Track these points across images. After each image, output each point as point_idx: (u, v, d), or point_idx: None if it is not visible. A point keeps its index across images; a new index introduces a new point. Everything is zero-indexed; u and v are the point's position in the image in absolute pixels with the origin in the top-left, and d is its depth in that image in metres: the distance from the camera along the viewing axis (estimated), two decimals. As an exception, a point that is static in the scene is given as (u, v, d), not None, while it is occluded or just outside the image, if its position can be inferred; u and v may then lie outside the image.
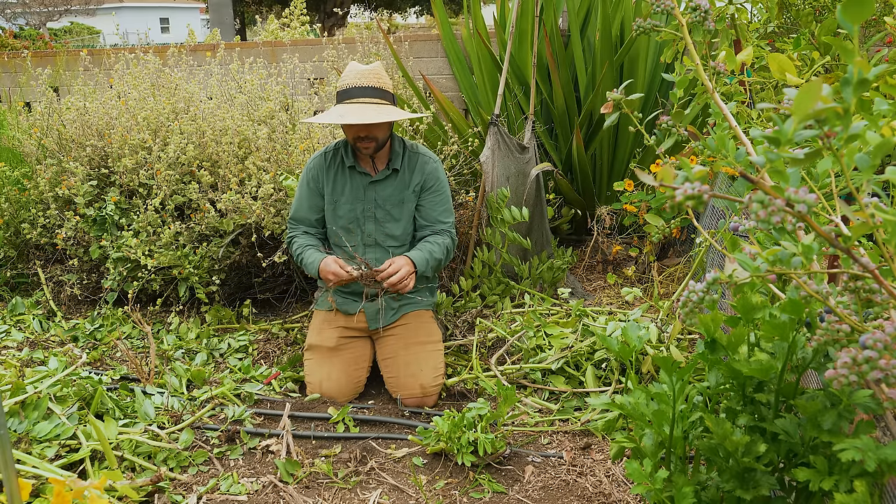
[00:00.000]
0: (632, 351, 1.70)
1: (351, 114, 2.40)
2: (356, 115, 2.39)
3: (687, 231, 3.59)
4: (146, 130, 3.30)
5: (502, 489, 2.03)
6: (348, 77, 2.47)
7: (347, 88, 2.46)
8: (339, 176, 2.60)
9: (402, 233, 2.61)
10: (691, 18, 1.28)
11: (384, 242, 2.61)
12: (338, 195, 2.59)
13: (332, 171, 2.60)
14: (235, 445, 2.21)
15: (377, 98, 2.46)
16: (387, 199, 2.58)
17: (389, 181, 2.58)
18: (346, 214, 2.59)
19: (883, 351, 0.90)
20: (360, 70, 2.48)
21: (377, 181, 2.58)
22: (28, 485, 1.36)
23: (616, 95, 1.58)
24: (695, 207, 0.84)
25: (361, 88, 2.45)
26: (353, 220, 2.59)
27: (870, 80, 0.79)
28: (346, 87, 2.47)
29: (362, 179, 2.58)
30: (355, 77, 2.46)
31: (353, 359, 2.60)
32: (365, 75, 2.46)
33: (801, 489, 1.31)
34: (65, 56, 5.18)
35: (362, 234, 2.60)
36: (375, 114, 2.40)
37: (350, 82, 2.46)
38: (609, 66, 3.51)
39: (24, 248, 3.53)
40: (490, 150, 3.22)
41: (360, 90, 2.45)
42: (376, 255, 2.60)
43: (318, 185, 2.61)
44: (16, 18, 21.13)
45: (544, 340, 2.73)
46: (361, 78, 2.46)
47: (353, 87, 2.45)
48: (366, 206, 2.58)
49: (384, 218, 2.59)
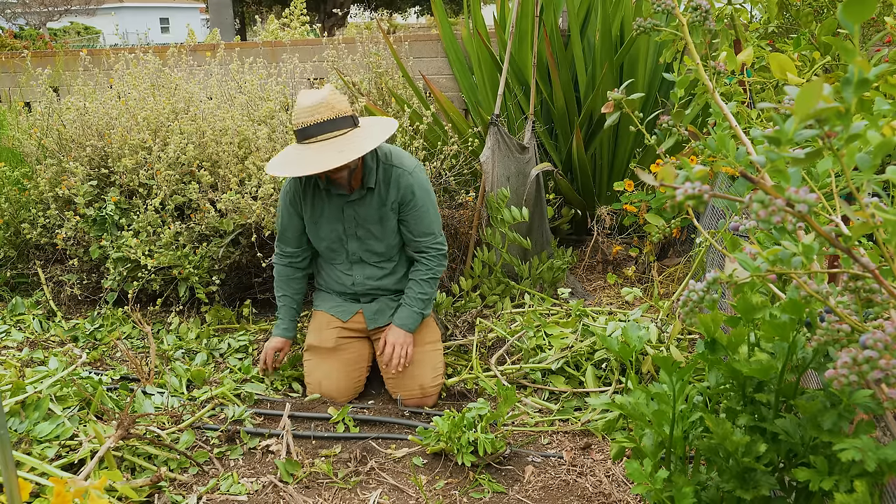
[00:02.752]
0: (632, 351, 1.70)
1: (310, 162, 2.24)
2: (315, 164, 2.23)
3: (687, 231, 3.60)
4: (146, 130, 3.30)
5: (502, 489, 2.03)
6: (301, 115, 2.29)
7: (303, 128, 2.29)
8: (317, 198, 2.52)
9: (385, 249, 2.57)
10: (692, 18, 1.28)
11: (369, 259, 2.59)
12: (317, 216, 2.53)
13: (308, 192, 2.51)
14: (235, 445, 2.21)
15: (336, 130, 2.29)
16: (366, 218, 2.51)
17: (366, 200, 2.49)
18: (328, 235, 2.55)
19: (883, 351, 0.90)
20: (309, 105, 2.28)
21: (353, 201, 2.49)
22: (28, 485, 1.36)
23: (617, 95, 1.58)
24: (695, 207, 0.84)
25: (318, 125, 2.27)
26: (336, 240, 2.56)
27: (871, 79, 0.79)
28: (301, 125, 2.29)
29: (339, 200, 2.50)
30: (307, 114, 2.28)
31: (353, 359, 2.60)
32: (317, 109, 2.28)
33: (801, 489, 1.31)
34: (65, 56, 5.18)
35: (347, 253, 2.58)
36: (337, 155, 2.23)
37: (304, 120, 2.28)
38: (609, 66, 3.51)
39: (24, 248, 3.53)
40: (490, 150, 3.22)
41: (317, 127, 2.27)
42: (364, 271, 2.60)
43: (296, 209, 2.55)
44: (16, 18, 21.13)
45: (544, 340, 2.73)
46: (313, 113, 2.27)
47: (309, 125, 2.28)
48: (346, 225, 2.52)
49: (366, 236, 2.54)
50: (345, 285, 2.62)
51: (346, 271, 2.61)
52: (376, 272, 2.60)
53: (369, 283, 2.61)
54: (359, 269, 2.60)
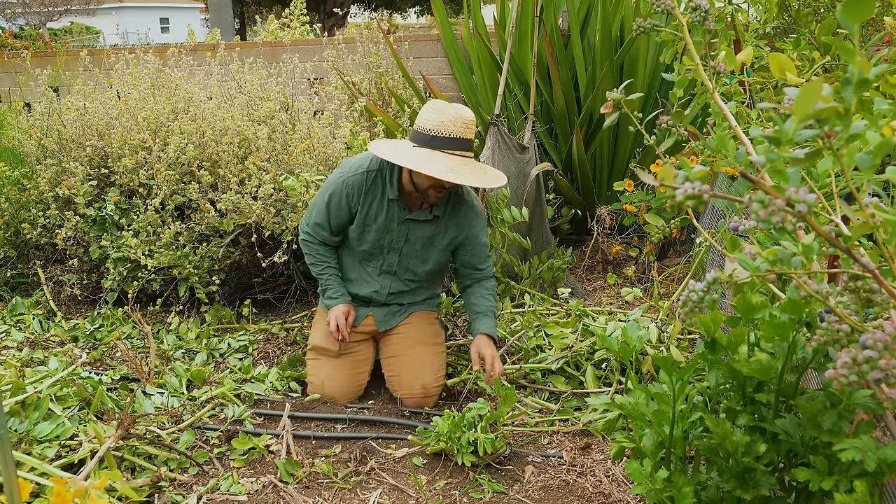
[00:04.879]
0: (632, 351, 1.70)
1: (464, 169, 2.24)
2: (472, 176, 2.25)
3: (687, 231, 3.60)
4: (146, 130, 3.30)
5: (502, 489, 2.03)
6: (452, 125, 2.26)
7: (450, 138, 2.26)
8: (377, 203, 2.44)
9: (424, 275, 2.56)
10: (691, 18, 1.28)
11: (402, 275, 2.56)
12: (370, 221, 2.46)
13: (370, 195, 2.44)
14: (235, 446, 2.21)
15: (470, 152, 2.31)
16: (419, 239, 2.49)
17: (428, 225, 2.48)
18: (373, 241, 2.48)
19: (883, 351, 0.90)
20: (464, 120, 2.28)
21: (414, 220, 2.46)
22: (28, 485, 1.36)
23: (616, 95, 1.58)
24: (695, 207, 0.84)
25: (464, 140, 2.28)
26: (378, 248, 2.51)
27: (870, 79, 0.79)
28: (448, 135, 2.26)
29: (400, 213, 2.45)
30: (461, 127, 2.27)
31: (358, 361, 2.59)
32: (468, 126, 2.29)
33: (801, 489, 1.31)
34: (64, 56, 5.18)
35: (383, 262, 2.54)
36: (485, 177, 2.29)
37: (455, 131, 2.26)
38: (609, 66, 3.51)
39: (24, 248, 3.53)
40: (490, 150, 3.22)
41: (463, 142, 2.28)
42: (391, 284, 2.57)
43: (349, 203, 2.45)
44: (16, 18, 21.12)
45: (544, 340, 2.73)
46: (466, 129, 2.28)
47: (458, 137, 2.27)
48: (395, 238, 2.48)
49: (410, 254, 2.51)
50: (366, 289, 2.58)
51: (374, 277, 2.57)
52: (402, 287, 2.58)
53: (390, 297, 2.59)
54: (387, 280, 2.56)
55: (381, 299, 2.59)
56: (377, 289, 2.57)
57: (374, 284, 2.57)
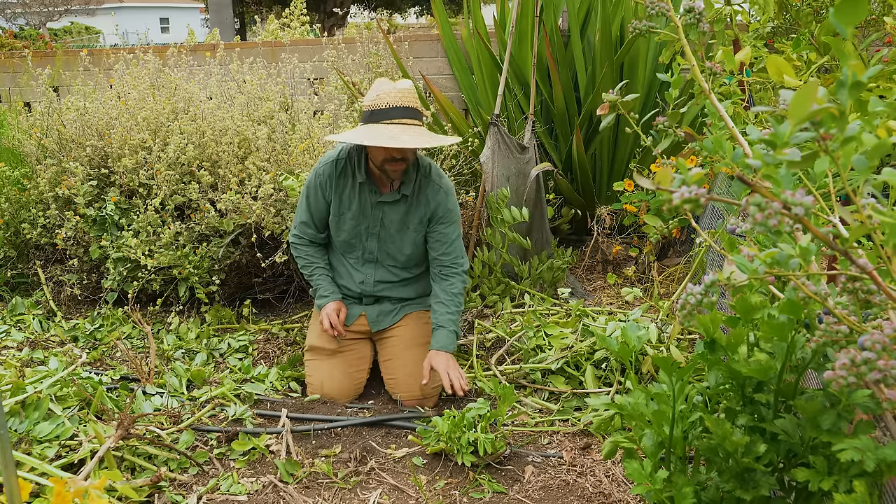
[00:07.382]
0: (632, 351, 1.70)
1: (403, 135, 2.28)
2: (409, 138, 2.28)
3: (687, 231, 3.59)
4: (146, 130, 3.30)
5: (502, 489, 2.03)
6: (386, 96, 2.34)
7: (387, 108, 2.32)
8: (349, 189, 2.51)
9: (405, 259, 2.58)
10: (686, 20, 1.28)
11: (384, 261, 2.58)
12: (344, 209, 2.52)
13: (340, 182, 2.51)
14: (235, 446, 2.21)
15: (417, 120, 2.35)
16: (393, 222, 2.52)
17: (398, 206, 2.51)
18: (350, 229, 2.54)
19: (881, 352, 0.90)
20: (398, 89, 2.35)
21: (385, 202, 2.51)
22: (28, 485, 1.36)
23: (612, 97, 1.58)
24: (692, 210, 0.85)
25: (402, 109, 2.32)
26: (356, 236, 2.55)
27: (864, 82, 0.79)
28: (384, 106, 2.33)
29: (371, 197, 2.50)
30: (395, 97, 2.33)
31: (355, 360, 2.60)
32: (405, 95, 2.34)
33: (801, 489, 1.31)
34: (64, 56, 5.18)
35: (364, 250, 2.58)
36: (429, 138, 2.31)
37: (390, 101, 2.33)
38: (609, 67, 3.51)
39: (24, 248, 3.54)
40: (490, 150, 3.22)
41: (401, 111, 2.32)
42: (377, 273, 2.59)
43: (324, 194, 2.53)
44: (16, 18, 21.12)
45: (544, 340, 2.73)
46: (401, 98, 2.33)
47: (394, 106, 2.32)
48: (371, 223, 2.53)
49: (387, 238, 2.54)
50: (353, 281, 2.61)
51: (357, 268, 2.60)
52: (387, 276, 2.60)
53: (377, 286, 2.61)
54: (371, 269, 2.59)
55: (369, 290, 2.61)
56: (363, 279, 2.60)
57: (358, 275, 2.60)
